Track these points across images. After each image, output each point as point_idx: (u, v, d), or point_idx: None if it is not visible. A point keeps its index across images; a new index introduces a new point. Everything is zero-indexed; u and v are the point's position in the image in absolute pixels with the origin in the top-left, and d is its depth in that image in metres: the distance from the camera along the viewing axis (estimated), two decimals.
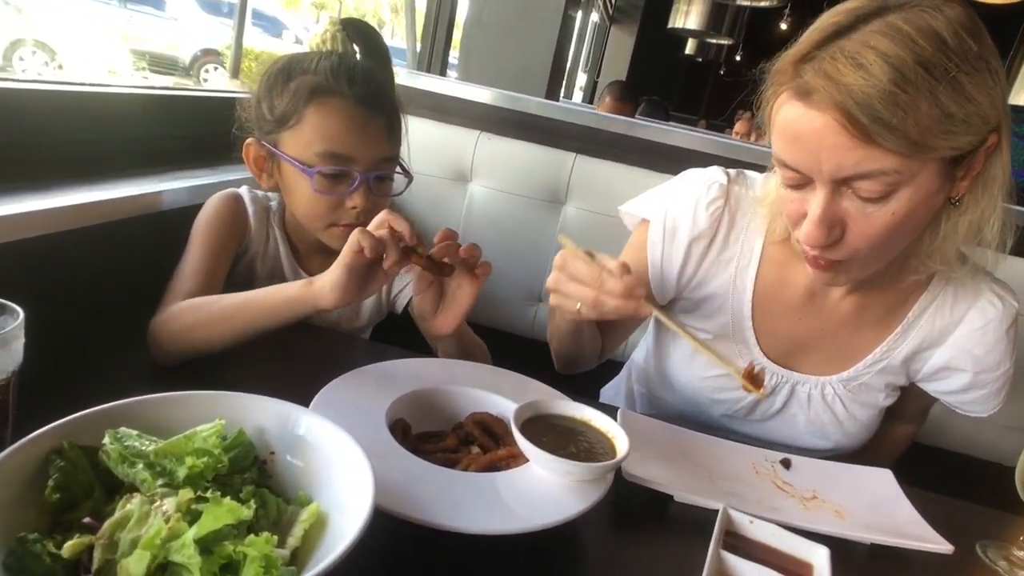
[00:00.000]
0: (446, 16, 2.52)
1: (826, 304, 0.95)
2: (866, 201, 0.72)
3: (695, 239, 0.94)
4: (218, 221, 0.97)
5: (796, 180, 0.76)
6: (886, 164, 0.68)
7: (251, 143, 0.99)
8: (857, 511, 0.78)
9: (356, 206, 0.94)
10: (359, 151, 0.94)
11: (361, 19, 1.09)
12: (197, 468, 0.50)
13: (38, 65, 7.58)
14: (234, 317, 0.81)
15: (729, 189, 0.94)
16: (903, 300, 0.93)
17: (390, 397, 0.72)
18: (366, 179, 0.94)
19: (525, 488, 0.62)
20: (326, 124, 0.92)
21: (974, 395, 0.96)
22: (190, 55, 9.77)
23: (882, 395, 0.98)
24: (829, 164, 0.70)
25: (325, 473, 0.56)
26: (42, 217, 0.83)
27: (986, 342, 0.91)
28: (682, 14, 5.44)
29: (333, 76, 0.94)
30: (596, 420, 0.70)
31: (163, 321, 0.83)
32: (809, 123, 0.70)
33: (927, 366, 0.96)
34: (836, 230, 0.75)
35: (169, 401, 0.57)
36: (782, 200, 0.81)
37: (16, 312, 0.55)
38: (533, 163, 1.50)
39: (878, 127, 0.66)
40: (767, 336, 0.97)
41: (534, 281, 1.55)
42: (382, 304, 1.15)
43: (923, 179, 0.71)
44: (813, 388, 0.97)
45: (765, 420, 1.01)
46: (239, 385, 0.81)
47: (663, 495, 0.74)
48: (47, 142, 1.00)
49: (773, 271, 0.95)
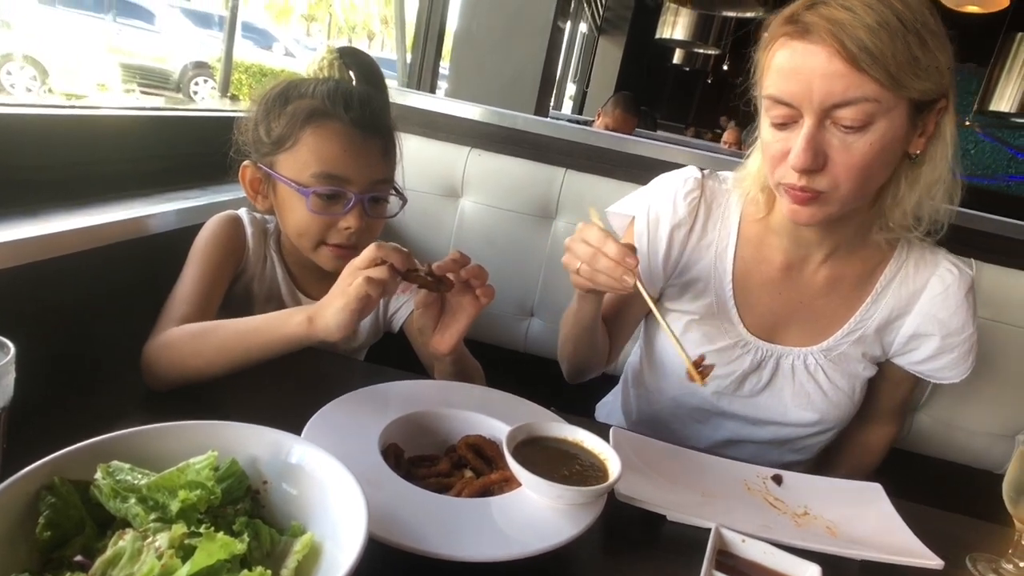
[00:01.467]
0: (436, 31, 2.53)
1: (802, 277, 1.03)
2: (848, 131, 0.81)
3: (676, 226, 1.04)
4: (216, 243, 0.97)
5: (785, 117, 0.84)
6: (868, 91, 0.79)
7: (247, 165, 1.00)
8: (848, 527, 0.79)
9: (350, 227, 0.95)
10: (354, 172, 0.95)
11: (356, 48, 1.12)
12: (190, 501, 0.50)
13: (26, 79, 7.55)
14: (231, 349, 0.81)
15: (703, 183, 1.05)
16: (871, 271, 1.02)
17: (383, 421, 0.73)
18: (361, 200, 0.95)
19: (519, 513, 0.62)
20: (322, 146, 0.94)
21: (945, 360, 1.03)
22: (179, 68, 9.77)
23: (861, 365, 1.05)
24: (821, 91, 0.80)
25: (319, 502, 0.56)
26: (30, 245, 0.83)
27: (948, 306, 1.00)
28: (669, 25, 5.49)
29: (330, 100, 0.95)
30: (588, 441, 0.71)
31: (158, 347, 0.83)
32: (807, 56, 0.80)
33: (899, 336, 1.04)
34: (820, 158, 0.83)
35: (161, 433, 0.57)
36: (766, 146, 0.89)
37: (7, 347, 0.55)
38: (523, 178, 1.51)
39: (864, 55, 0.77)
40: (749, 312, 1.04)
41: (526, 296, 1.56)
42: (379, 324, 1.15)
43: (895, 117, 0.81)
44: (796, 359, 1.04)
45: (754, 395, 1.06)
46: (232, 409, 0.82)
47: (656, 515, 0.74)
48: (31, 166, 0.99)
49: (750, 251, 1.03)
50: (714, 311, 1.05)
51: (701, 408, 1.08)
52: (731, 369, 1.04)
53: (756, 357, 1.03)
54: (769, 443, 1.10)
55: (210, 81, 9.75)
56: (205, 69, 9.84)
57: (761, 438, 1.09)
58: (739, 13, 4.50)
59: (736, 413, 1.07)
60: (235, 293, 1.02)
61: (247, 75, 9.97)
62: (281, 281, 1.06)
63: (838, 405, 1.04)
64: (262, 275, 1.05)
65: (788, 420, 1.05)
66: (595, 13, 6.48)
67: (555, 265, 1.52)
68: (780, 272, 1.03)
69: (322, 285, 1.09)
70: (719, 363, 1.02)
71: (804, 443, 1.10)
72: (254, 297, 1.05)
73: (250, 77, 9.97)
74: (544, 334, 1.58)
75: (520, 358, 1.61)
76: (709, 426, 1.11)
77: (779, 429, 1.07)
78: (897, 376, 1.10)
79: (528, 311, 1.58)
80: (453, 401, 0.81)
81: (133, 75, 9.20)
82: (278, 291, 1.06)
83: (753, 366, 1.04)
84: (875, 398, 1.13)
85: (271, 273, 1.06)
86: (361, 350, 1.18)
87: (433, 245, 1.56)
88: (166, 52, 9.77)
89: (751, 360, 1.03)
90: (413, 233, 1.55)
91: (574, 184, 1.49)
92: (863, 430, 1.17)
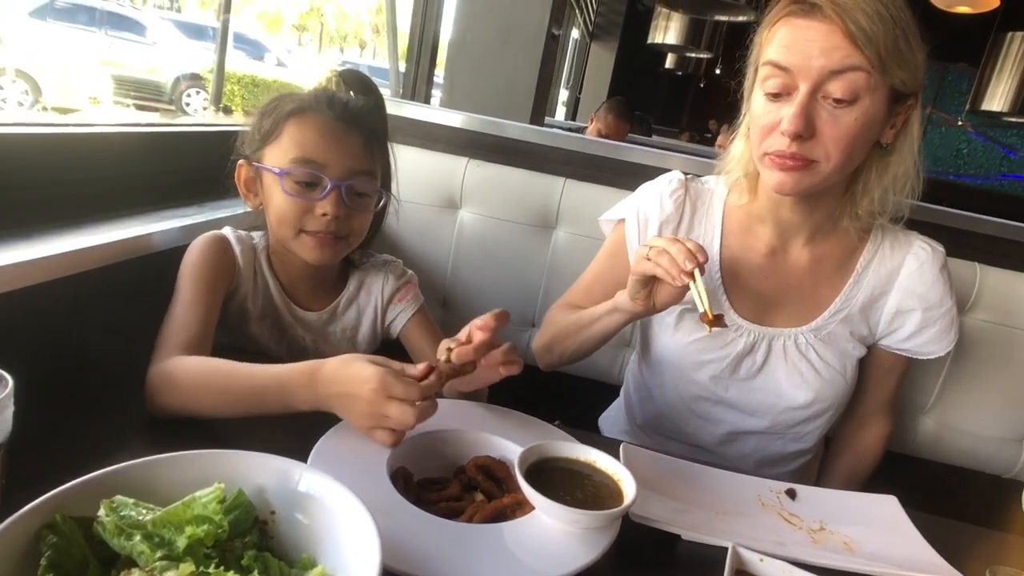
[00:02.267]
0: (429, 40, 2.53)
1: (787, 260, 1.08)
2: (837, 104, 0.88)
3: (664, 222, 1.10)
4: (205, 264, 0.95)
5: (780, 87, 0.91)
6: (860, 63, 0.87)
7: (241, 164, 1.02)
8: (865, 542, 0.77)
9: (326, 213, 0.96)
10: (331, 159, 0.96)
11: (360, 71, 1.15)
12: (197, 536, 0.48)
13: (18, 94, 7.52)
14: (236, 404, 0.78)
15: (687, 184, 1.12)
16: (850, 253, 1.08)
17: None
18: (338, 187, 0.96)
19: (533, 538, 0.61)
20: (301, 133, 0.97)
21: (928, 334, 1.08)
22: (171, 80, 9.74)
23: (850, 344, 1.09)
24: (819, 60, 0.87)
25: (329, 533, 0.54)
26: (26, 268, 0.81)
27: (925, 280, 1.06)
28: (661, 30, 5.50)
29: (314, 98, 1.00)
30: (601, 462, 0.69)
31: (162, 379, 0.80)
32: (810, 30, 0.89)
33: (884, 314, 1.08)
34: (811, 127, 0.89)
35: (164, 464, 0.55)
36: (756, 119, 0.95)
37: (4, 380, 0.53)
38: (523, 188, 1.50)
39: (861, 34, 0.86)
40: (739, 298, 1.08)
41: (526, 306, 1.55)
42: (377, 332, 1.14)
43: (876, 98, 0.89)
44: (787, 339, 1.08)
45: (750, 378, 1.09)
46: (234, 433, 0.80)
47: (670, 534, 0.73)
48: (27, 186, 0.97)
49: (735, 240, 1.09)
50: None
51: (701, 397, 1.11)
52: (726, 352, 1.07)
53: (749, 340, 1.07)
54: (770, 433, 1.12)
55: (202, 93, 9.73)
56: (197, 81, 9.82)
57: (761, 428, 1.11)
58: (731, 17, 4.51)
59: (734, 402, 1.10)
60: (230, 312, 1.01)
61: (239, 86, 9.97)
62: (275, 295, 1.05)
63: (831, 383, 1.08)
64: (255, 292, 1.04)
65: (784, 401, 1.08)
66: (587, 19, 6.50)
67: (556, 275, 1.51)
68: (765, 257, 1.08)
69: (315, 296, 1.09)
70: (713, 348, 1.08)
71: (803, 429, 1.11)
72: (249, 314, 1.03)
73: (242, 88, 9.96)
74: None
75: (523, 369, 1.59)
76: (711, 421, 1.13)
77: (777, 416, 1.10)
78: (886, 363, 1.14)
79: (529, 322, 1.57)
80: (460, 420, 0.80)
81: (125, 88, 9.18)
82: (273, 306, 1.05)
83: (747, 348, 1.07)
84: (866, 393, 1.16)
85: (264, 289, 1.05)
86: None
87: (432, 257, 1.55)
88: (158, 64, 9.75)
89: (744, 343, 1.07)
90: (412, 245, 1.54)
91: (574, 193, 1.48)
92: (858, 434, 1.20)
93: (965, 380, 1.42)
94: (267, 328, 1.05)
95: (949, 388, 1.43)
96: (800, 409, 1.08)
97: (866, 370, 1.14)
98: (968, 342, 1.40)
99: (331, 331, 1.10)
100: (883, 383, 1.16)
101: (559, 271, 1.50)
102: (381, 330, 1.15)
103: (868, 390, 1.16)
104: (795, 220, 1.04)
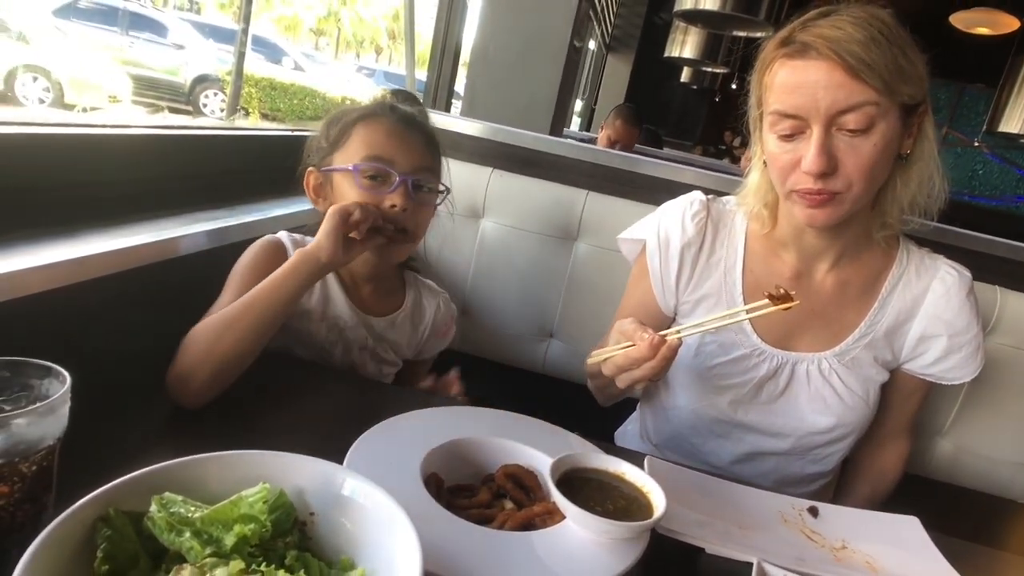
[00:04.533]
0: (452, 49, 2.55)
1: (811, 285, 1.07)
2: (853, 135, 0.88)
3: (686, 246, 1.08)
4: (255, 267, 0.98)
5: (791, 128, 0.91)
6: (868, 96, 0.87)
7: (310, 171, 1.08)
8: (888, 561, 0.78)
9: (395, 204, 1.01)
10: (398, 156, 1.03)
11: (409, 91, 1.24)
12: (244, 535, 0.50)
13: (39, 91, 7.63)
14: (249, 315, 0.85)
15: (708, 205, 1.11)
16: (875, 277, 1.07)
17: (423, 450, 0.72)
18: (405, 180, 1.02)
19: (563, 548, 0.62)
20: (369, 135, 1.04)
21: (954, 360, 1.07)
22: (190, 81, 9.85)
23: (874, 370, 1.08)
24: (826, 100, 0.87)
25: (368, 536, 0.55)
26: (63, 268, 0.82)
27: (952, 307, 1.04)
28: (678, 44, 5.51)
29: (377, 107, 1.09)
30: (630, 474, 0.70)
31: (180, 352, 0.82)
32: (808, 71, 0.88)
33: (908, 339, 1.07)
34: (833, 161, 0.89)
35: (209, 463, 0.57)
36: (774, 159, 0.94)
37: (63, 376, 0.55)
38: (545, 200, 1.51)
39: (861, 65, 0.85)
40: (761, 323, 1.06)
41: (546, 317, 1.56)
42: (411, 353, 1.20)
43: (891, 119, 0.89)
44: (811, 364, 1.07)
45: (771, 402, 1.08)
46: (271, 434, 0.81)
47: (693, 547, 0.73)
48: (52, 186, 0.98)
49: (758, 264, 1.08)
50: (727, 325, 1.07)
51: (720, 420, 1.10)
52: (748, 377, 1.07)
53: (772, 365, 1.06)
54: (789, 454, 1.11)
55: (220, 94, 9.83)
56: (215, 82, 9.93)
57: (781, 449, 1.10)
58: (748, 33, 4.52)
59: (754, 425, 1.09)
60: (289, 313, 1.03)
61: (257, 89, 10.07)
62: (338, 297, 1.08)
63: (854, 409, 1.07)
64: (315, 292, 1.06)
65: (805, 426, 1.07)
66: (604, 31, 6.53)
67: (575, 287, 1.52)
68: (789, 282, 1.06)
69: (377, 300, 1.12)
70: (735, 373, 1.07)
71: (824, 452, 1.11)
72: (309, 313, 1.06)
73: (260, 91, 10.06)
74: (564, 356, 1.57)
75: (539, 379, 1.60)
76: (730, 440, 1.12)
77: (798, 439, 1.09)
78: (908, 386, 1.13)
79: (548, 332, 1.58)
80: (489, 429, 0.81)
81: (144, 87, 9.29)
82: (334, 308, 1.08)
83: (769, 373, 1.07)
84: (887, 415, 1.15)
85: (325, 290, 1.07)
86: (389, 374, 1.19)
87: (453, 265, 1.56)
88: (177, 65, 9.86)
89: (767, 368, 1.06)
90: (434, 253, 1.56)
91: (596, 206, 1.49)
92: (876, 454, 1.19)
93: (983, 404, 1.42)
94: (325, 328, 1.07)
95: (967, 411, 1.43)
96: (821, 434, 1.08)
97: (888, 393, 1.13)
98: (987, 366, 1.39)
99: (387, 339, 1.13)
100: (904, 405, 1.15)
101: (579, 283, 1.51)
102: (413, 353, 1.20)
103: (889, 412, 1.15)
104: (820, 245, 1.04)
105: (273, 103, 10.15)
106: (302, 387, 0.96)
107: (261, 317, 0.85)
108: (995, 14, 4.06)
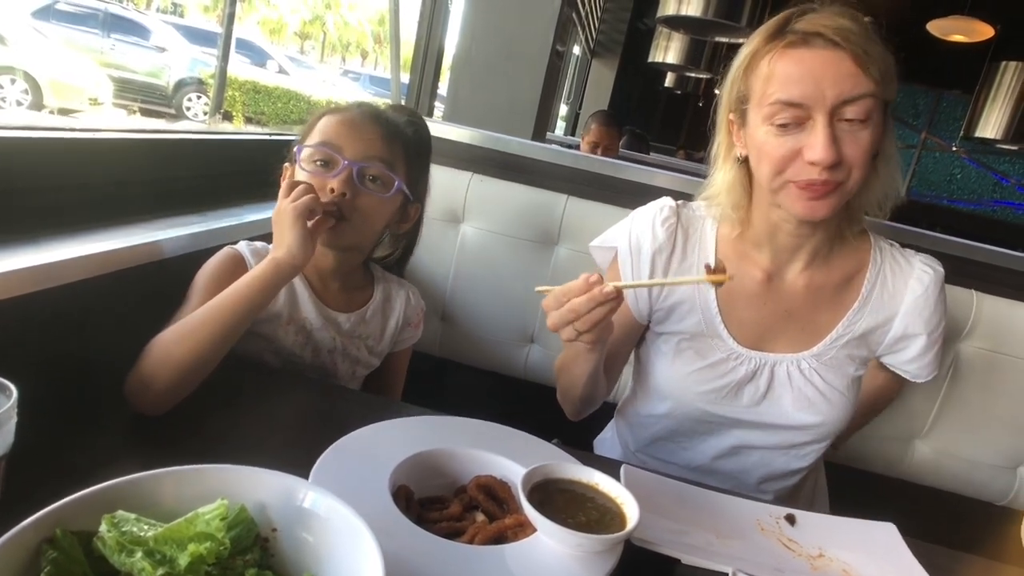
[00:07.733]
0: (434, 53, 2.54)
1: (783, 287, 1.07)
2: (853, 124, 0.88)
3: (657, 252, 1.07)
4: (213, 281, 0.96)
5: (792, 118, 0.89)
6: (869, 88, 0.87)
7: (285, 166, 1.09)
8: (864, 569, 0.77)
9: (334, 188, 0.99)
10: (347, 142, 1.02)
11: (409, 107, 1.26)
12: (199, 554, 0.48)
13: (17, 93, 7.51)
14: (213, 319, 0.84)
15: (678, 210, 1.10)
16: (849, 277, 1.07)
17: (393, 462, 0.71)
18: (350, 167, 1.00)
19: (534, 561, 0.61)
20: (326, 124, 1.05)
21: (928, 358, 1.09)
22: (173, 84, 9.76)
23: (852, 367, 1.08)
24: (833, 89, 0.87)
25: (331, 552, 0.54)
26: (33, 274, 0.80)
27: (930, 304, 1.06)
28: (662, 49, 5.54)
29: (350, 103, 1.08)
30: (604, 484, 0.69)
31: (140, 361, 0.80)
32: (816, 59, 0.88)
33: (887, 338, 1.08)
34: (838, 152, 0.88)
35: (166, 478, 0.55)
36: (769, 151, 0.92)
37: (8, 390, 0.53)
38: (526, 204, 1.51)
39: (865, 57, 0.86)
40: (737, 326, 1.06)
41: (526, 322, 1.55)
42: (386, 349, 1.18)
43: (879, 113, 0.90)
44: (790, 365, 1.07)
45: (755, 405, 1.07)
46: (236, 448, 0.79)
47: (669, 558, 0.72)
48: (31, 190, 0.97)
49: (730, 266, 1.06)
50: (703, 329, 1.07)
51: (702, 420, 1.10)
52: (727, 381, 1.06)
53: (750, 367, 1.06)
54: (775, 448, 1.11)
55: (203, 97, 9.75)
56: (199, 85, 9.84)
57: (768, 443, 1.10)
58: (730, 39, 4.56)
59: (741, 418, 1.09)
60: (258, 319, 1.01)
61: (240, 92, 9.99)
62: (305, 297, 1.06)
63: (837, 405, 1.07)
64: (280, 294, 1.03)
65: (793, 425, 1.07)
66: (588, 36, 6.55)
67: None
68: (762, 284, 1.06)
69: (344, 298, 1.11)
70: (713, 377, 1.06)
71: (808, 448, 1.11)
72: (276, 317, 1.04)
73: (243, 94, 9.99)
74: (544, 361, 1.56)
75: (520, 385, 1.59)
76: (715, 435, 1.12)
77: (785, 434, 1.09)
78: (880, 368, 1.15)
79: (528, 337, 1.57)
80: (462, 439, 0.79)
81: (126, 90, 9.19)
82: (301, 309, 1.06)
83: (748, 375, 1.06)
84: None
85: (290, 291, 1.05)
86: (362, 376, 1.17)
87: (434, 270, 1.55)
88: (160, 67, 9.77)
89: (745, 370, 1.06)
90: (414, 258, 1.53)
91: (576, 210, 1.49)
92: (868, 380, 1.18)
93: (960, 406, 1.43)
94: (293, 332, 1.05)
95: (944, 414, 1.44)
96: (807, 429, 1.08)
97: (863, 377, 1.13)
98: (964, 369, 1.41)
99: (359, 335, 1.12)
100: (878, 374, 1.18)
101: None
102: (388, 347, 1.17)
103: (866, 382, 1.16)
104: (794, 244, 1.03)
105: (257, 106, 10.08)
106: (269, 395, 0.94)
107: (225, 324, 0.84)
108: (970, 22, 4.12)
